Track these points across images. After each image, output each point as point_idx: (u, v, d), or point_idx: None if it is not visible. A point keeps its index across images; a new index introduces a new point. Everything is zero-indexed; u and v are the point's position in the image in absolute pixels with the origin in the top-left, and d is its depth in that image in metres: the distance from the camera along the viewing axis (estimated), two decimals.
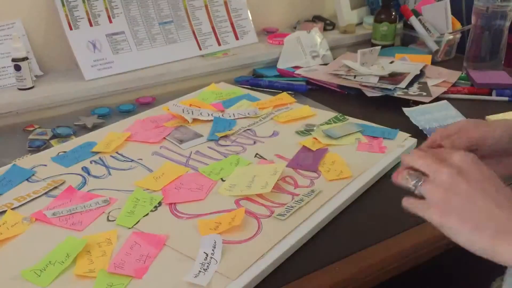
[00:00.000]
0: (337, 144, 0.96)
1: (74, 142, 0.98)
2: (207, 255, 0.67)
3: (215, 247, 0.68)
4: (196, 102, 1.15)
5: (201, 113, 1.08)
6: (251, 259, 0.66)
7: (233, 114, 1.10)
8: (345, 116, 1.08)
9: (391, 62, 1.37)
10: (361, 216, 0.80)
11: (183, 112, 1.06)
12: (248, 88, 1.28)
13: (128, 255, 0.68)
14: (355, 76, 1.29)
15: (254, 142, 0.98)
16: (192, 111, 1.08)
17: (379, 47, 1.39)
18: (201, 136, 1.00)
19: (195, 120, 1.06)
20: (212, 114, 1.08)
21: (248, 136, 1.01)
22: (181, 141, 0.97)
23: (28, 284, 0.63)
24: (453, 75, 1.33)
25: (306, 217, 0.75)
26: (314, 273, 0.68)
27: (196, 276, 0.64)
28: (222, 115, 1.09)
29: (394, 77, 1.28)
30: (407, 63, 1.37)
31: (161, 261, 0.67)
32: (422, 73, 1.33)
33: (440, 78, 1.30)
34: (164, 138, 0.99)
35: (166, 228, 0.73)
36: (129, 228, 0.73)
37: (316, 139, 0.98)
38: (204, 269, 0.65)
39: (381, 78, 1.27)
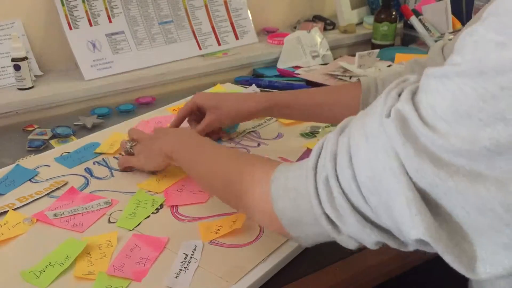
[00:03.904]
0: None
1: (78, 143, 0.98)
2: (186, 255, 0.67)
3: (195, 250, 0.68)
4: None
5: None
6: (251, 263, 0.66)
7: None
8: None
9: (389, 66, 1.37)
10: None
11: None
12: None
13: (128, 257, 0.67)
14: (350, 77, 1.29)
15: (258, 144, 0.98)
16: None
17: (377, 50, 1.39)
18: None
19: None
20: None
21: (252, 138, 1.01)
22: None
23: (27, 285, 0.63)
24: None
25: None
26: (314, 274, 0.68)
27: (177, 276, 0.64)
28: None
29: None
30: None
31: (161, 264, 0.67)
32: None
33: None
34: None
35: (167, 230, 0.73)
36: (130, 230, 0.73)
37: None
38: (184, 267, 0.65)
39: None
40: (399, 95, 0.45)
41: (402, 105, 0.42)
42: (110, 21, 1.27)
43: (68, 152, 0.94)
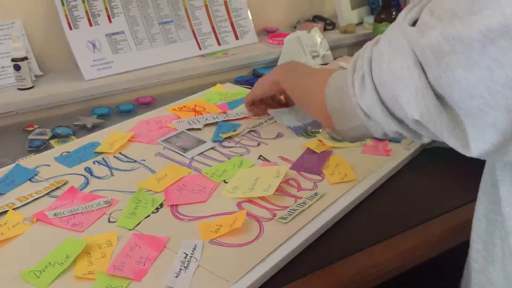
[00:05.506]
0: (342, 147, 0.96)
1: (78, 142, 0.98)
2: (186, 254, 0.67)
3: (195, 249, 0.68)
4: (201, 103, 1.15)
5: (206, 119, 1.07)
6: (251, 263, 0.66)
7: (237, 113, 1.10)
8: None
9: None
10: (362, 217, 0.80)
11: (190, 125, 1.05)
12: (249, 88, 1.28)
13: (128, 257, 0.67)
14: None
15: (258, 144, 0.98)
16: (197, 120, 1.07)
17: None
18: (204, 142, 0.98)
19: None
20: (216, 117, 1.08)
21: (253, 137, 1.01)
22: (185, 150, 0.95)
23: (27, 285, 0.63)
24: None
25: (309, 220, 0.75)
26: (314, 273, 0.68)
27: (177, 276, 0.64)
28: (227, 115, 1.09)
29: None
30: None
31: (161, 264, 0.67)
32: None
33: None
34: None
35: (167, 230, 0.73)
36: (130, 229, 0.73)
37: (321, 141, 0.97)
38: (184, 267, 0.65)
39: None
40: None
41: (424, 15, 0.50)
42: (110, 21, 1.27)
43: (68, 152, 0.94)
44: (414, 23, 0.52)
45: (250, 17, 1.47)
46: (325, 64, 1.43)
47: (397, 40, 0.53)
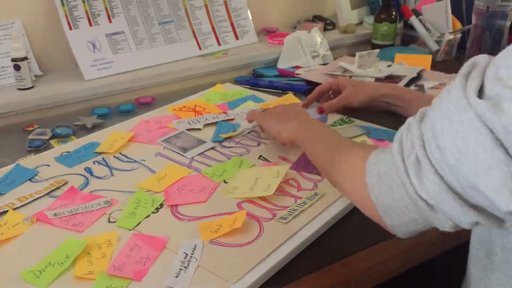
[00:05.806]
0: None
1: (78, 142, 0.98)
2: (186, 254, 0.68)
3: (195, 249, 0.68)
4: (201, 103, 1.15)
5: (206, 119, 1.07)
6: (251, 263, 0.66)
7: (237, 113, 1.10)
8: (351, 118, 1.07)
9: (389, 66, 1.37)
10: (362, 217, 0.79)
11: (190, 125, 1.05)
12: (249, 88, 1.28)
13: (128, 257, 0.67)
14: (350, 77, 1.29)
15: (258, 144, 0.98)
16: (197, 120, 1.07)
17: (377, 50, 1.38)
18: (204, 142, 0.98)
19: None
20: (216, 117, 1.08)
21: (253, 137, 1.01)
22: (185, 149, 0.96)
23: (27, 285, 0.63)
24: (451, 78, 1.32)
25: (309, 220, 0.75)
26: (314, 273, 0.68)
27: (177, 276, 0.64)
28: (227, 115, 1.09)
29: (390, 79, 1.28)
30: (405, 67, 1.37)
31: (161, 264, 0.67)
32: (419, 76, 1.32)
33: (437, 81, 1.30)
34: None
35: (167, 230, 0.73)
36: (130, 229, 0.73)
37: None
38: (184, 267, 0.65)
39: (377, 80, 1.28)
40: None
41: (491, 85, 0.44)
42: (110, 21, 1.27)
43: (68, 152, 0.94)
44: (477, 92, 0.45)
45: (250, 17, 1.47)
46: (325, 64, 1.43)
47: (459, 115, 0.45)
